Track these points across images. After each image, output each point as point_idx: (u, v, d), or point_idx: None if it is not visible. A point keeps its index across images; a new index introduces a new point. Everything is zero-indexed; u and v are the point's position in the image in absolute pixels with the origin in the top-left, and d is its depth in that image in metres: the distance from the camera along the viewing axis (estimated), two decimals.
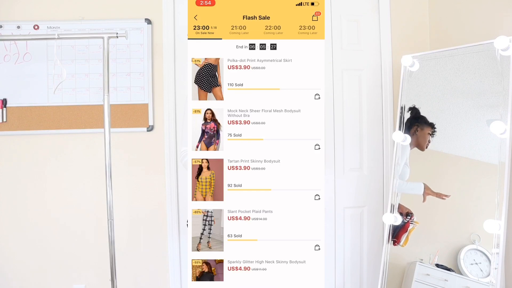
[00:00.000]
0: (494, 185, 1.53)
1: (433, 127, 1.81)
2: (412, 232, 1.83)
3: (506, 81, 1.53)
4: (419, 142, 1.86)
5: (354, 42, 2.26)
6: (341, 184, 2.26)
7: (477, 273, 1.60)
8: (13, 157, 2.17)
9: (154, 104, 2.19)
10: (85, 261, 2.19)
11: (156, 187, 2.20)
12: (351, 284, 2.29)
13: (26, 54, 2.15)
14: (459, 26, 2.01)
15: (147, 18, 2.18)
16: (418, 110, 1.88)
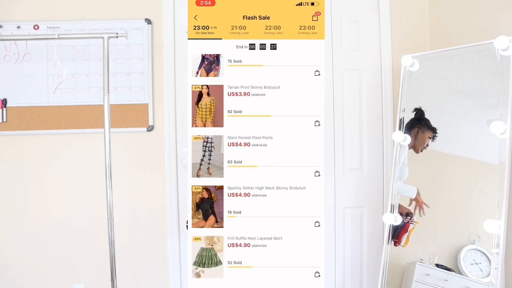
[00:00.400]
0: (494, 185, 1.53)
1: (434, 131, 1.81)
2: (412, 232, 1.83)
3: (506, 81, 1.53)
4: (416, 144, 1.86)
5: (354, 42, 2.26)
6: (341, 184, 2.26)
7: (477, 273, 1.60)
8: (13, 157, 2.17)
9: (154, 104, 2.19)
10: (85, 261, 2.19)
11: (156, 187, 2.20)
12: (351, 284, 2.29)
13: (26, 54, 2.15)
14: (459, 26, 2.01)
15: (147, 18, 2.18)
16: (424, 112, 1.86)
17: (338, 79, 2.25)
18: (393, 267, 1.86)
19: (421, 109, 1.87)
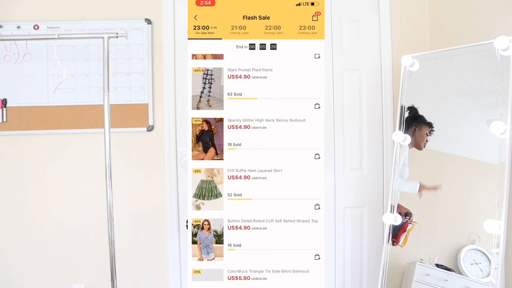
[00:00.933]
0: (494, 185, 1.53)
1: (431, 126, 1.81)
2: (410, 232, 1.83)
3: (506, 81, 1.53)
4: (417, 141, 1.87)
5: (354, 42, 2.26)
6: (341, 184, 2.26)
7: (477, 273, 1.60)
8: (13, 157, 2.17)
9: (154, 104, 2.19)
10: (85, 261, 2.19)
11: (156, 187, 2.20)
12: (351, 284, 2.29)
13: (26, 54, 2.15)
14: (459, 26, 2.01)
15: (147, 18, 2.18)
16: (417, 109, 1.88)
17: (338, 79, 2.25)
18: (393, 267, 1.86)
19: (414, 106, 1.88)
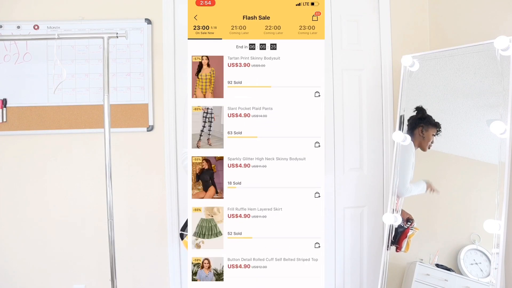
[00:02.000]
0: (494, 185, 1.53)
1: (438, 127, 1.80)
2: (411, 238, 1.83)
3: (506, 81, 1.53)
4: (422, 142, 1.86)
5: (354, 42, 2.26)
6: (341, 184, 2.26)
7: (477, 273, 1.60)
8: (13, 157, 2.17)
9: (154, 104, 2.19)
10: (85, 261, 2.19)
11: (156, 187, 2.20)
12: (351, 284, 2.29)
13: (26, 54, 2.15)
14: (459, 26, 2.01)
15: (147, 18, 2.18)
16: (425, 110, 1.86)
17: (338, 79, 2.25)
18: (393, 267, 1.86)
19: (422, 107, 1.87)
